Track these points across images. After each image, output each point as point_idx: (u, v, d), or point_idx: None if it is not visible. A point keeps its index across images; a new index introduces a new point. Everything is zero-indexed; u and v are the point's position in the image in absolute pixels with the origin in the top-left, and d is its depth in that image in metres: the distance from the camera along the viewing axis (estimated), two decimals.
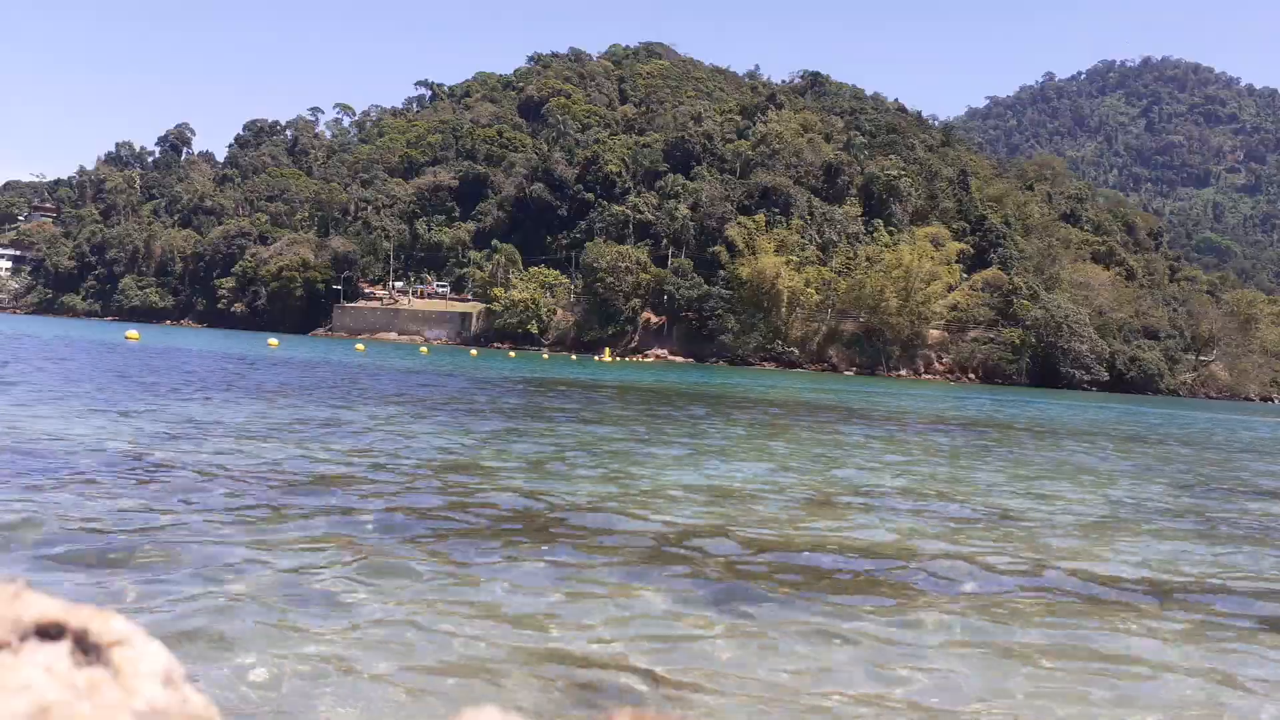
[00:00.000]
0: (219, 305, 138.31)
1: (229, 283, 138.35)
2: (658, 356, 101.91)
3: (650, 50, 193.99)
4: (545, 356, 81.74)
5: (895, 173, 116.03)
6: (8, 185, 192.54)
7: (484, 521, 7.85)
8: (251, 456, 10.56)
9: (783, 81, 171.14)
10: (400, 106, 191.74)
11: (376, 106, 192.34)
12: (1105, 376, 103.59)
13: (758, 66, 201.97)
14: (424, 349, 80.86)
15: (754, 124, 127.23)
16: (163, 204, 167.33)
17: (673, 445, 14.85)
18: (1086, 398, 72.21)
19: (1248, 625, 6.18)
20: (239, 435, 12.43)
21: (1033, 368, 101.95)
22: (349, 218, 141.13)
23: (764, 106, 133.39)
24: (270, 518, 7.43)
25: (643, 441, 15.09)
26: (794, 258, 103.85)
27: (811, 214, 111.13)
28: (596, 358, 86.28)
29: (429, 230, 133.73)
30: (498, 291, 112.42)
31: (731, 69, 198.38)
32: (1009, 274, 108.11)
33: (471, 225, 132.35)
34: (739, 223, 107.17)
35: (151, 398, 17.20)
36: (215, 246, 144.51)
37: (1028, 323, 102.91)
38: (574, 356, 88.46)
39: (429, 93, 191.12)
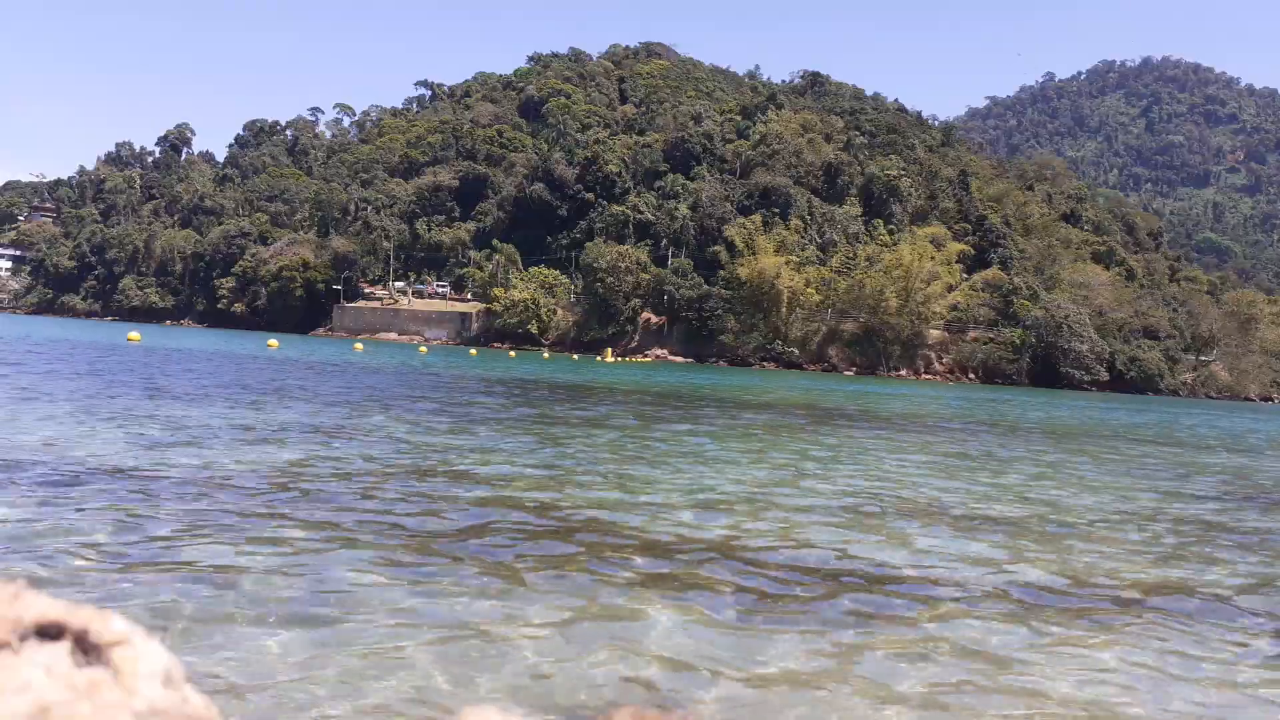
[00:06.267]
0: (219, 305, 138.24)
1: (229, 283, 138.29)
2: (657, 357, 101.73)
3: (650, 50, 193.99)
4: (546, 356, 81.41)
5: (895, 173, 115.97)
6: (8, 185, 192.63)
7: (489, 526, 7.86)
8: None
9: (783, 81, 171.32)
10: (400, 106, 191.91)
11: (376, 106, 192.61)
12: (1105, 376, 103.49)
13: (758, 66, 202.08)
14: (423, 349, 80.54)
15: (754, 124, 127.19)
16: (163, 204, 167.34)
17: (678, 449, 14.85)
18: (1100, 398, 72.10)
19: None
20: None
21: (1033, 368, 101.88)
22: (349, 218, 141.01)
23: (764, 106, 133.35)
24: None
25: (652, 444, 15.09)
26: (794, 258, 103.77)
27: (811, 214, 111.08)
28: (598, 358, 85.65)
29: (429, 230, 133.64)
30: (498, 291, 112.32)
31: (731, 69, 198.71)
32: (1009, 274, 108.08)
33: (471, 225, 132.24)
34: (739, 223, 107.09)
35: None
36: (215, 246, 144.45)
37: (1028, 323, 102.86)
38: (575, 357, 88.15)
39: (429, 93, 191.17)
